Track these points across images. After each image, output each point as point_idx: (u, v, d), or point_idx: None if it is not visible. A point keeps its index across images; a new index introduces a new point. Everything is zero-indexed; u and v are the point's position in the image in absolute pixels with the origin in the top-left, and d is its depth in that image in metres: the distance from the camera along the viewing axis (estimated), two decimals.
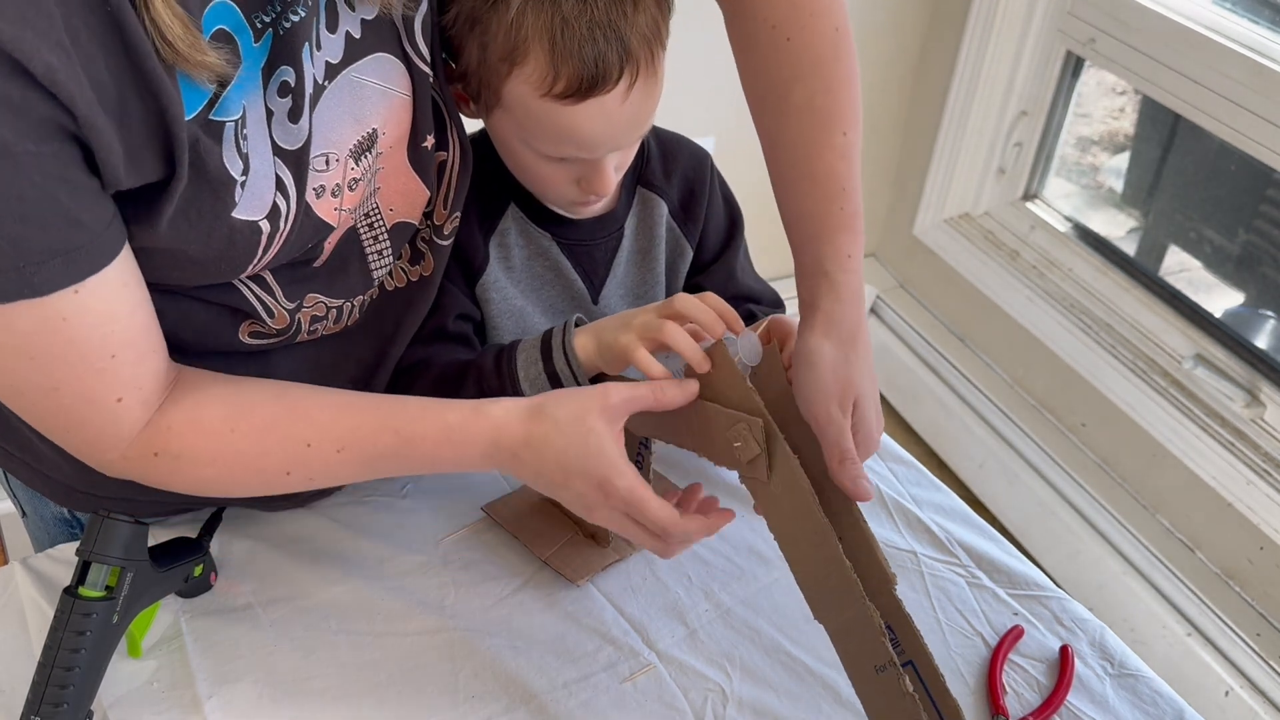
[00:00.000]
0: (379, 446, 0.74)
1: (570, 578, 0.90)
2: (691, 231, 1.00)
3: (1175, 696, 0.86)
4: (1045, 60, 2.05)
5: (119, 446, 0.70)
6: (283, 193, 0.69)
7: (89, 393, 0.66)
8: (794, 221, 0.83)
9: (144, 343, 0.68)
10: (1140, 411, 1.87)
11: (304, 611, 0.87)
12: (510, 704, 0.81)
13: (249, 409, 0.74)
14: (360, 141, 0.75)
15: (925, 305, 2.34)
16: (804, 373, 0.78)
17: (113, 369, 0.66)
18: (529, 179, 0.89)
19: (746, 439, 0.74)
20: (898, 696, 0.71)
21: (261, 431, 0.73)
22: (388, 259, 0.84)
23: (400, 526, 0.95)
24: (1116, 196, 2.21)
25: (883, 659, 0.71)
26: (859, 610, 0.72)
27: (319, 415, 0.75)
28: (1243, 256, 1.91)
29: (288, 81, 0.67)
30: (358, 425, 0.75)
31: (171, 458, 0.71)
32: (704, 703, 0.83)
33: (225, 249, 0.68)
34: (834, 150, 0.82)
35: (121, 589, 0.76)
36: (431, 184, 0.84)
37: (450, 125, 0.83)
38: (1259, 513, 1.69)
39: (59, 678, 0.73)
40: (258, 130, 0.66)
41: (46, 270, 0.59)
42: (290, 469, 0.74)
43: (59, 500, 0.91)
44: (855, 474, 0.76)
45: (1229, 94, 1.68)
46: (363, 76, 0.74)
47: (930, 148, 2.20)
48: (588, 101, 0.77)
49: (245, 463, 0.74)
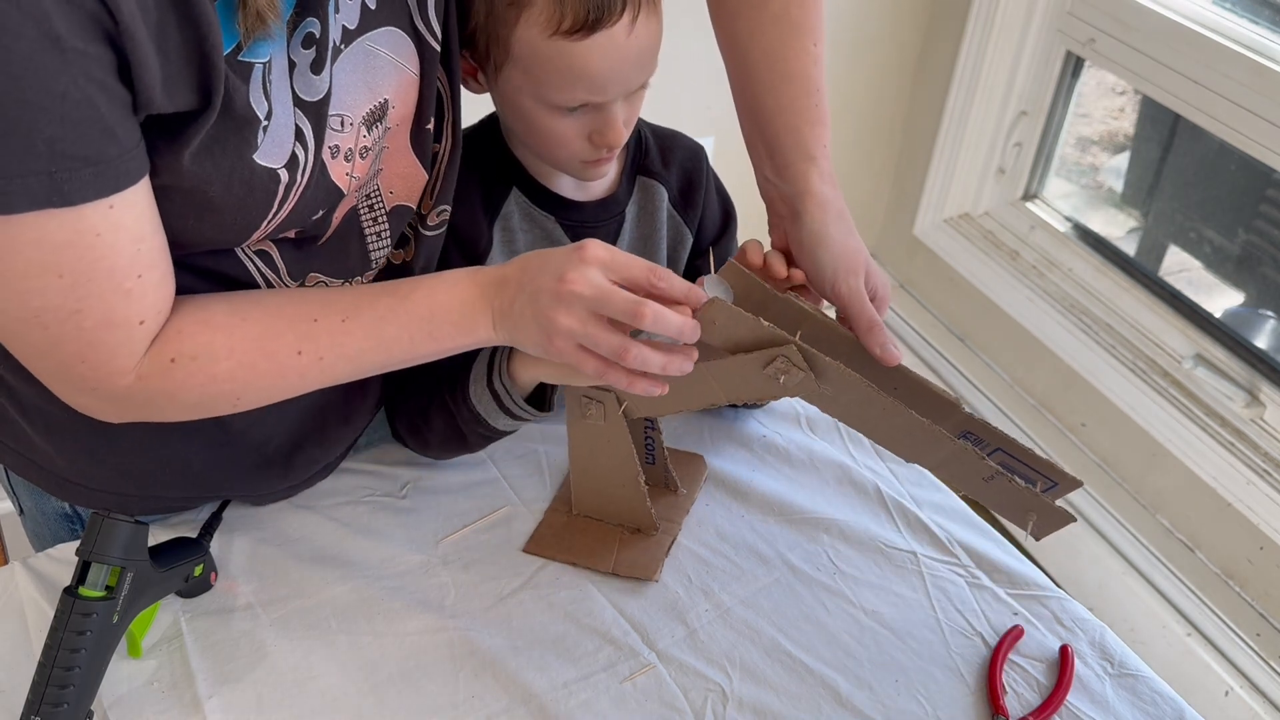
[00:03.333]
0: (379, 309, 0.76)
1: (645, 576, 0.91)
2: (691, 219, 1.02)
3: (1175, 696, 0.86)
4: (1045, 60, 2.05)
5: (133, 368, 0.69)
6: (301, 144, 0.70)
7: (113, 315, 0.65)
8: (770, 115, 0.89)
9: (165, 265, 0.68)
10: (1140, 411, 1.87)
11: (304, 611, 0.87)
12: (510, 704, 0.81)
13: (253, 301, 0.75)
14: (373, 110, 0.76)
15: (925, 305, 2.33)
16: (819, 254, 0.84)
17: (139, 290, 0.66)
18: (540, 141, 0.89)
19: (788, 370, 0.76)
20: (1013, 492, 0.80)
21: (269, 315, 0.74)
22: (385, 241, 0.85)
23: (400, 526, 0.95)
24: (1116, 196, 2.21)
25: (988, 472, 0.79)
26: (950, 449, 0.78)
27: (319, 294, 0.77)
28: (1243, 256, 1.91)
29: (313, 33, 0.68)
30: (357, 294, 0.77)
31: (188, 359, 0.71)
32: (704, 703, 0.83)
33: (244, 195, 0.68)
34: (808, 55, 0.89)
35: (121, 589, 0.76)
36: (429, 169, 0.84)
37: (448, 116, 0.84)
38: (1259, 513, 1.69)
39: (59, 678, 0.73)
40: (280, 80, 0.68)
41: (78, 179, 0.58)
42: (301, 347, 0.74)
43: (54, 491, 0.92)
44: (883, 340, 0.80)
45: (1229, 94, 1.68)
46: (377, 46, 0.75)
47: (930, 148, 2.20)
48: (595, 35, 0.78)
49: (257, 346, 0.73)
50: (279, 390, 0.77)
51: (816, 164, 0.86)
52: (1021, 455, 0.83)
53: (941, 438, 0.78)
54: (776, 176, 0.88)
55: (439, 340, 0.77)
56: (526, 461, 1.03)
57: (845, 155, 2.27)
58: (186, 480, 0.90)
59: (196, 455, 0.87)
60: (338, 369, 0.77)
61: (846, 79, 2.14)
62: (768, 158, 0.89)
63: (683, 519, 0.97)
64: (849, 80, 2.15)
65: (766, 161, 0.89)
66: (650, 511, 0.93)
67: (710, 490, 1.01)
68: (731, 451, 1.05)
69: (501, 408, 0.90)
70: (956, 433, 0.80)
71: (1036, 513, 0.81)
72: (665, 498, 0.98)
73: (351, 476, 1.00)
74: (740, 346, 0.77)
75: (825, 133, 0.88)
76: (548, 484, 1.00)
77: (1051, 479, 0.82)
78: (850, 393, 0.77)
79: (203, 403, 0.75)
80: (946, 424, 0.80)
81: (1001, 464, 0.80)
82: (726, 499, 1.00)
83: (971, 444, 0.79)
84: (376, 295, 0.77)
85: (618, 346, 0.72)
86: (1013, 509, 0.82)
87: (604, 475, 0.92)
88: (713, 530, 0.97)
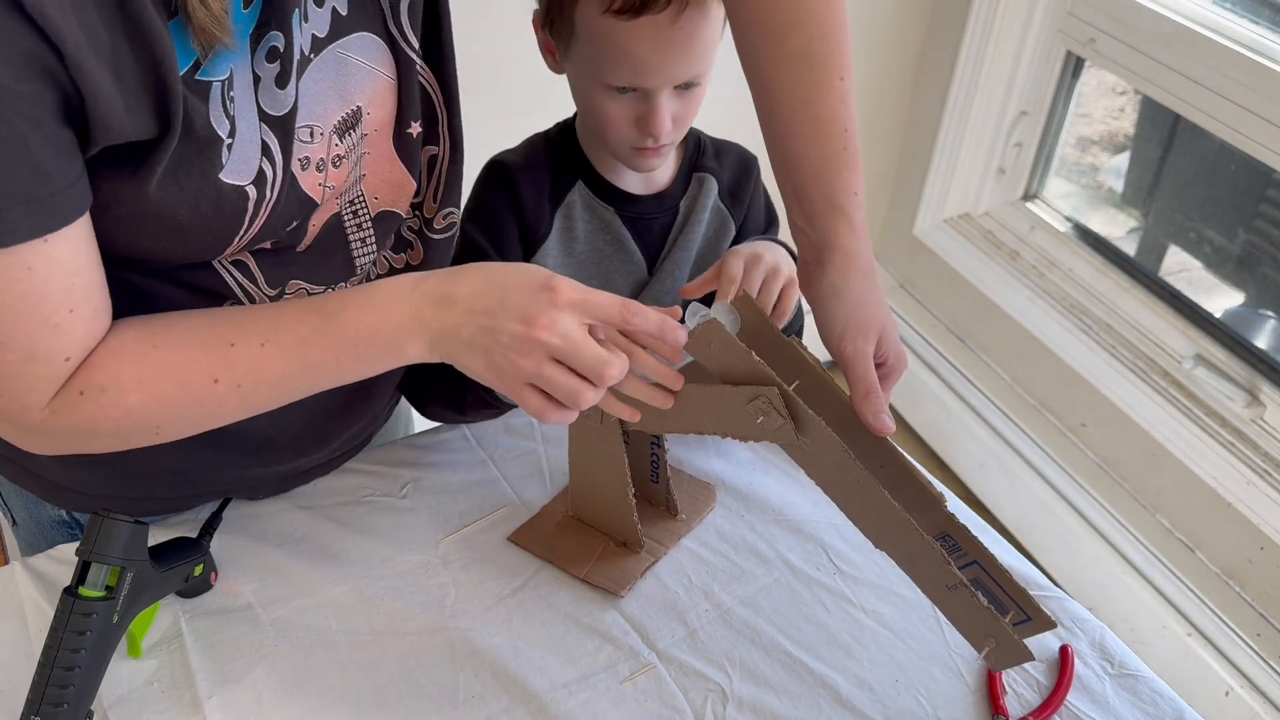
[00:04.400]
0: (301, 330, 0.71)
1: (613, 590, 0.90)
2: (737, 213, 1.08)
3: (1175, 696, 0.86)
4: (1045, 60, 2.05)
5: (47, 403, 0.67)
6: (269, 159, 0.69)
7: (37, 349, 0.64)
8: (798, 162, 0.85)
9: (99, 299, 0.67)
10: (1140, 411, 1.87)
11: (304, 611, 0.87)
12: (510, 704, 0.81)
13: (166, 325, 0.71)
14: (345, 118, 0.75)
15: (925, 305, 2.34)
16: (833, 308, 0.81)
17: (68, 325, 0.64)
18: (595, 120, 0.96)
19: (768, 411, 0.75)
20: (974, 609, 0.75)
21: (181, 339, 0.70)
22: (371, 247, 0.84)
23: (400, 526, 0.95)
24: (1116, 196, 2.21)
25: (952, 580, 0.74)
26: (918, 543, 0.74)
27: (239, 315, 0.72)
28: (1243, 256, 1.91)
29: (276, 47, 0.67)
30: (279, 314, 0.72)
31: (97, 390, 0.67)
32: (704, 703, 0.83)
33: (213, 215, 0.67)
34: (834, 93, 0.84)
35: (121, 589, 0.76)
36: (419, 175, 0.84)
37: (442, 118, 0.84)
38: (1259, 513, 1.69)
39: (59, 678, 0.73)
40: (244, 95, 0.66)
41: (9, 218, 0.57)
42: (217, 375, 0.70)
43: (49, 499, 0.91)
44: (877, 408, 0.78)
45: (1229, 94, 1.68)
46: (348, 53, 0.74)
47: (930, 148, 2.20)
48: (641, 19, 0.85)
49: (172, 378, 0.69)
50: (199, 420, 0.73)
51: (845, 215, 0.83)
52: (999, 577, 0.78)
53: (911, 531, 0.73)
54: (805, 223, 0.86)
55: (366, 363, 0.73)
56: (526, 461, 1.03)
57: None
58: (183, 480, 0.89)
59: (191, 456, 0.85)
60: (259, 395, 0.72)
61: None
62: (796, 203, 0.86)
63: (673, 545, 0.95)
64: None
65: (795, 206, 0.86)
66: (637, 528, 0.92)
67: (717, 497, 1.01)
68: (733, 452, 1.05)
69: None
70: (935, 531, 0.75)
71: (996, 640, 0.75)
72: (663, 520, 0.96)
73: (351, 476, 1.00)
74: (729, 376, 0.76)
75: (855, 178, 0.84)
76: (548, 484, 1.00)
77: (1026, 612, 0.78)
78: (828, 454, 0.74)
79: (121, 434, 0.72)
80: (925, 518, 0.74)
81: (973, 579, 0.75)
82: (727, 499, 1.00)
83: (946, 547, 0.75)
84: (301, 314, 0.72)
85: (574, 391, 0.70)
86: (972, 628, 0.76)
87: (598, 482, 0.92)
88: (713, 530, 0.97)
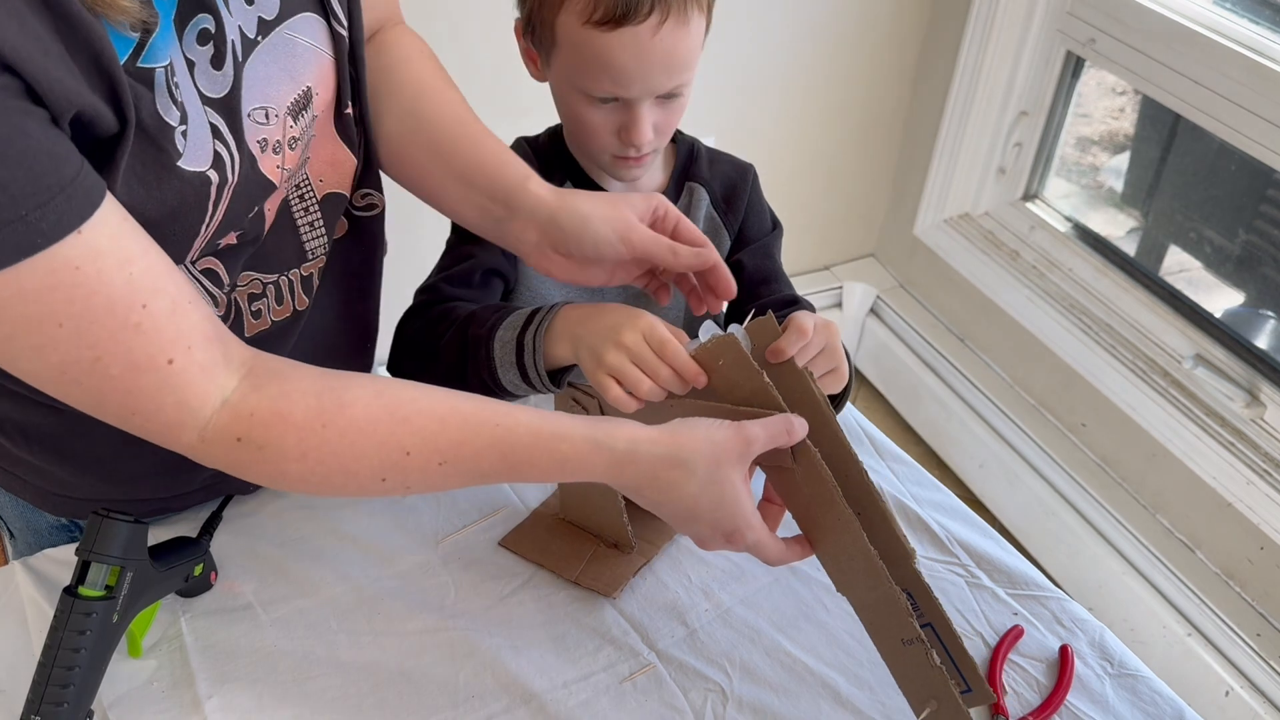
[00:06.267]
0: (483, 466, 0.71)
1: (604, 593, 0.90)
2: (731, 223, 1.07)
3: (1175, 696, 0.86)
4: (1045, 60, 2.05)
5: (193, 425, 0.66)
6: (220, 140, 0.68)
7: (133, 356, 0.61)
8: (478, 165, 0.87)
9: (173, 289, 0.63)
10: (1140, 411, 1.87)
11: (304, 611, 0.87)
12: (510, 704, 0.81)
13: (343, 406, 0.69)
14: (297, 99, 0.75)
15: (925, 305, 2.34)
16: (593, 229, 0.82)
17: (150, 322, 0.61)
18: (577, 129, 0.96)
19: None
20: (925, 668, 0.74)
21: (357, 432, 0.68)
22: (320, 231, 0.84)
23: (400, 526, 0.95)
24: (1116, 196, 2.21)
25: (910, 634, 0.74)
26: (885, 591, 0.74)
27: (421, 422, 0.70)
28: (1243, 256, 1.91)
29: (207, 29, 0.67)
30: (463, 441, 0.70)
31: (255, 447, 0.66)
32: (704, 703, 0.83)
33: (178, 205, 0.66)
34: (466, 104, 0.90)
35: (121, 588, 0.76)
36: (357, 153, 0.84)
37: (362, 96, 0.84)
38: (1259, 513, 1.69)
39: (59, 677, 0.73)
40: (185, 79, 0.66)
41: (53, 209, 0.55)
42: (386, 475, 0.69)
43: (44, 506, 0.91)
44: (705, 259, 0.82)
45: (1229, 94, 1.68)
46: (295, 34, 0.75)
47: (930, 148, 2.20)
48: (621, 30, 0.86)
49: (337, 463, 0.68)
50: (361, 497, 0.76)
51: (535, 178, 0.85)
52: (950, 644, 0.78)
53: (882, 578, 0.74)
54: (508, 213, 0.86)
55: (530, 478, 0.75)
56: None
57: (845, 155, 2.27)
58: (179, 480, 0.89)
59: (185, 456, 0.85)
60: (420, 491, 0.74)
61: (846, 79, 2.14)
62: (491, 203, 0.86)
63: (664, 544, 0.95)
64: (849, 80, 2.15)
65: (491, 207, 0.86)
66: (627, 528, 0.92)
67: None
68: None
69: (519, 362, 0.88)
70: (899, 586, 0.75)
71: (940, 703, 0.75)
72: (653, 520, 0.95)
73: None
74: (736, 395, 0.76)
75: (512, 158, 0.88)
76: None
77: (968, 683, 0.78)
78: (814, 488, 0.75)
79: (272, 484, 0.72)
80: (891, 570, 0.75)
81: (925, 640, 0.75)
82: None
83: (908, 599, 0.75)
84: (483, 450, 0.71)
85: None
86: (916, 688, 0.76)
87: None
88: None
